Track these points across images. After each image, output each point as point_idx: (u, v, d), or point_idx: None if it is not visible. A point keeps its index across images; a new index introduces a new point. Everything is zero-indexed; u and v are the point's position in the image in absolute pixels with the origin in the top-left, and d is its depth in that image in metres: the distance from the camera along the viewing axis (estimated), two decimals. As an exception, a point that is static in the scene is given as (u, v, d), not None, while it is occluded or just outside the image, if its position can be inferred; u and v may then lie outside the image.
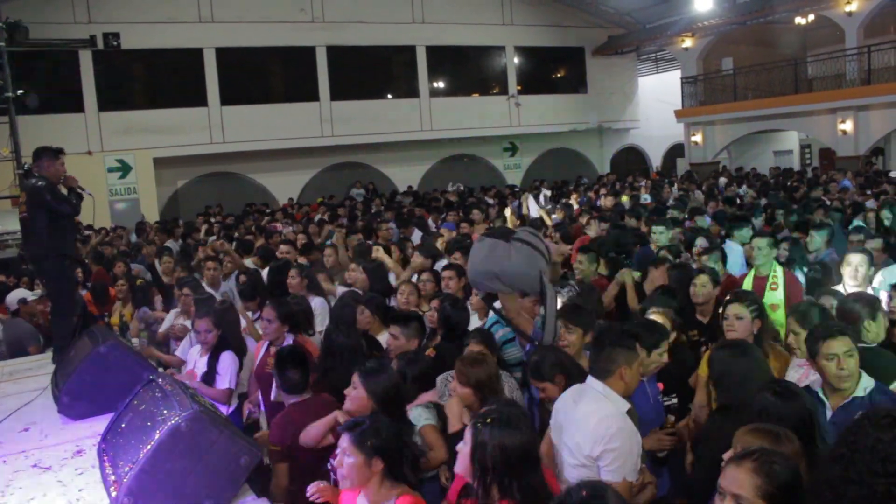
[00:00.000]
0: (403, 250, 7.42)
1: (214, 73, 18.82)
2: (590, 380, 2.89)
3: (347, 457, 2.55)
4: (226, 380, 4.54)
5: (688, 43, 21.19)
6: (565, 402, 2.95)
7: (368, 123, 19.97)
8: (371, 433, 2.55)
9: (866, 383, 3.00)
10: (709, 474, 2.09)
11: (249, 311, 5.49)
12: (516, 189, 18.00)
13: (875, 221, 7.61)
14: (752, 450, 2.08)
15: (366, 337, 4.53)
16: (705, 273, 4.80)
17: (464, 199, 15.27)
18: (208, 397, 3.98)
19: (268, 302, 4.64)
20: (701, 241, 6.21)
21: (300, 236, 9.38)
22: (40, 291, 7.69)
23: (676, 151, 23.72)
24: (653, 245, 6.64)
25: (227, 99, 18.90)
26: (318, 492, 2.82)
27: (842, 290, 4.59)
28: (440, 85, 22.03)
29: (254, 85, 19.94)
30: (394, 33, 20.53)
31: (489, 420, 2.39)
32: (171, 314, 5.99)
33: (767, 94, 19.06)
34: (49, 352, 5.72)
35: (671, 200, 11.29)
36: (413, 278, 5.97)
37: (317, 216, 14.01)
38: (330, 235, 10.01)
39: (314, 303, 5.50)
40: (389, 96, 21.64)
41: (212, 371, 4.55)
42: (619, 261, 6.18)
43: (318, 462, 3.28)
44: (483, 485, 2.35)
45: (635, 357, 2.89)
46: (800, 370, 3.55)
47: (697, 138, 21.43)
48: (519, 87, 22.54)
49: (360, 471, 2.53)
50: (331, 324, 4.72)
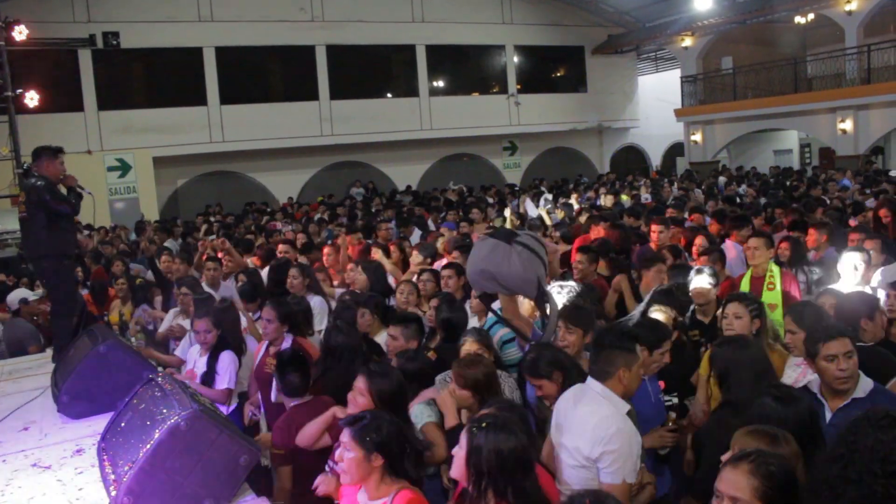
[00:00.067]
0: (402, 250, 7.42)
1: (214, 73, 18.80)
2: (590, 381, 2.88)
3: (347, 451, 2.55)
4: (225, 379, 4.54)
5: (687, 42, 21.19)
6: (565, 402, 2.94)
7: (368, 122, 19.97)
8: (372, 428, 2.55)
9: (866, 384, 2.96)
10: (715, 472, 2.09)
11: (249, 312, 5.48)
12: (516, 188, 18.00)
13: (873, 220, 7.60)
14: (748, 452, 2.07)
15: (365, 339, 4.51)
16: (705, 273, 4.79)
17: (463, 199, 15.26)
18: (207, 398, 3.97)
19: (267, 302, 4.64)
20: (700, 241, 6.20)
21: (300, 235, 9.38)
22: (41, 291, 7.69)
23: (676, 150, 23.72)
24: (652, 244, 6.63)
25: (227, 98, 18.89)
26: (320, 482, 2.82)
27: (840, 288, 4.59)
28: (440, 84, 22.01)
29: (253, 84, 19.91)
30: (393, 32, 20.52)
31: (484, 424, 2.39)
32: (171, 314, 5.97)
33: (767, 94, 19.06)
34: (49, 351, 5.72)
35: (671, 200, 11.28)
36: (413, 278, 5.97)
37: (316, 215, 14.02)
38: (329, 235, 10.01)
39: (313, 302, 5.47)
40: (389, 95, 21.63)
41: (211, 371, 4.55)
42: (619, 261, 6.17)
43: (319, 464, 3.27)
44: (478, 489, 2.35)
45: (635, 359, 2.86)
46: (797, 370, 3.54)
47: (697, 137, 21.42)
48: (519, 86, 22.53)
49: (360, 465, 2.53)
50: (331, 324, 4.71)
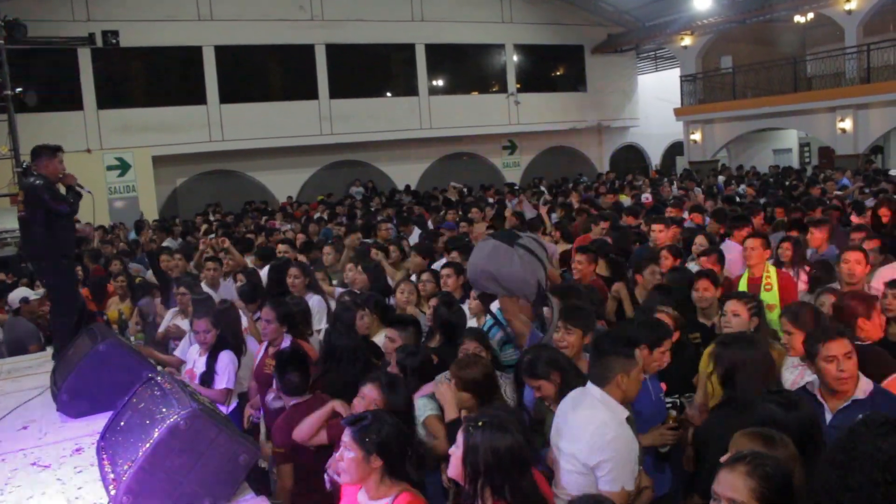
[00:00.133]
0: (402, 249, 7.42)
1: (213, 71, 18.78)
2: (589, 385, 2.87)
3: (347, 451, 2.55)
4: (223, 379, 4.54)
5: (687, 41, 21.18)
6: (565, 406, 2.93)
7: (367, 121, 19.96)
8: (372, 429, 2.55)
9: (866, 385, 2.94)
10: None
11: (249, 312, 5.48)
12: (515, 187, 17.99)
13: (872, 219, 7.59)
14: (744, 453, 2.07)
15: (365, 341, 4.51)
16: (706, 275, 4.74)
17: (463, 198, 15.26)
18: (206, 397, 3.97)
19: (267, 302, 4.64)
20: (700, 240, 6.19)
21: (299, 235, 9.38)
22: (42, 291, 7.68)
23: (676, 150, 23.73)
24: (652, 244, 6.62)
25: (227, 97, 18.86)
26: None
27: (839, 287, 4.60)
28: (439, 83, 21.99)
29: (253, 83, 19.89)
30: (393, 31, 20.51)
31: (480, 423, 2.41)
32: (170, 313, 5.98)
33: (767, 93, 19.05)
34: (49, 350, 5.72)
35: (671, 199, 11.27)
36: (412, 278, 5.97)
37: (316, 214, 14.02)
38: (327, 234, 10.00)
39: (312, 301, 5.48)
40: (388, 94, 21.60)
41: (210, 371, 4.55)
42: (618, 261, 6.16)
43: (320, 463, 3.27)
44: (475, 487, 2.36)
45: (633, 365, 2.84)
46: (795, 371, 3.54)
47: (697, 136, 21.42)
48: (518, 86, 22.51)
49: (360, 466, 2.53)
50: (331, 325, 4.71)
